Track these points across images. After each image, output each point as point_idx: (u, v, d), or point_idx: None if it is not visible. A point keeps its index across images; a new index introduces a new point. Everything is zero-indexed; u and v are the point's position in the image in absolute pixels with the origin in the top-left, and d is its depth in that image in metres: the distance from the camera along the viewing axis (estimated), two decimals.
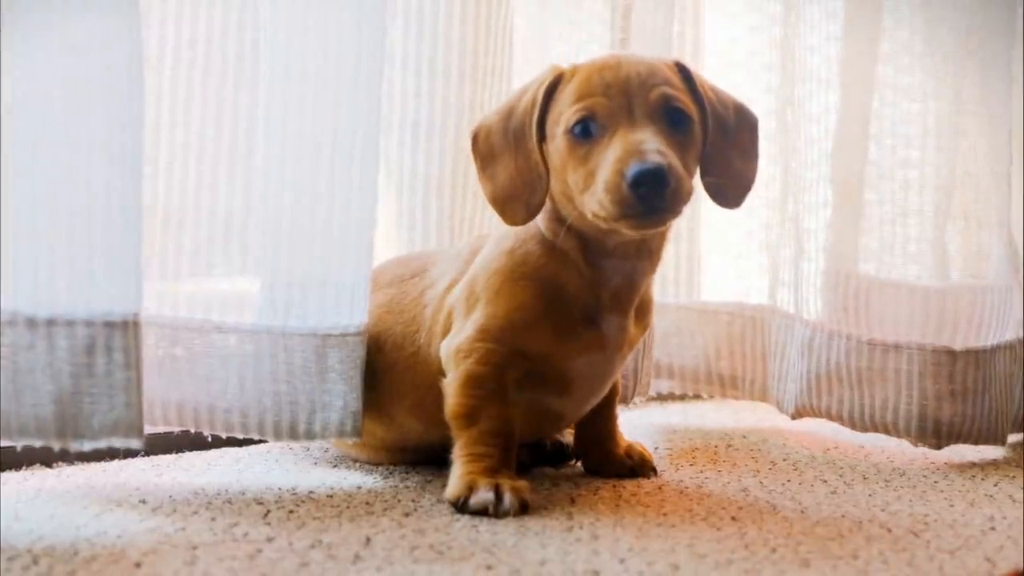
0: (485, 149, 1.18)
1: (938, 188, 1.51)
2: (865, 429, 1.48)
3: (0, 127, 1.02)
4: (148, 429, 1.26)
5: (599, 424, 1.29)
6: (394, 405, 1.24)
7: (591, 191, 1.08)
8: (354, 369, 1.21)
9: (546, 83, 1.14)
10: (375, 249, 1.24)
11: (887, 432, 1.46)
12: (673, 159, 1.06)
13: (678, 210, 1.07)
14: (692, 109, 1.12)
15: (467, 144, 1.41)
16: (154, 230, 1.21)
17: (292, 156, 1.19)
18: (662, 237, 1.18)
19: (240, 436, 1.22)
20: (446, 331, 1.19)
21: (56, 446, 1.04)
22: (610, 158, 1.06)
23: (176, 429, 1.23)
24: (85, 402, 1.04)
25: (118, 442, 1.06)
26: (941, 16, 1.49)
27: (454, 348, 1.16)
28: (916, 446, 1.46)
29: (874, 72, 1.51)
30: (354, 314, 1.21)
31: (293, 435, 1.21)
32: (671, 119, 1.10)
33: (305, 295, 1.21)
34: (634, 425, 1.58)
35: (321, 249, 1.20)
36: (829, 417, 1.50)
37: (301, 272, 1.21)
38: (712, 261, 1.72)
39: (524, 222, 1.15)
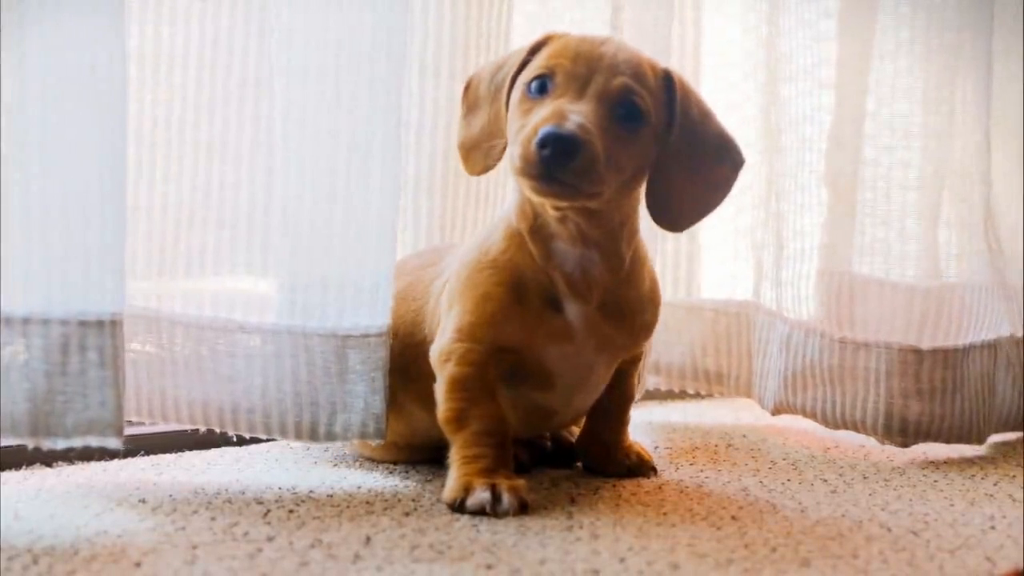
0: (472, 98, 1.20)
1: (927, 188, 1.51)
2: (836, 426, 1.49)
3: (0, 127, 1.02)
4: (173, 427, 1.28)
5: (606, 426, 1.29)
6: (403, 393, 1.24)
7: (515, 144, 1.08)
8: (376, 370, 1.21)
9: (534, 42, 1.16)
10: (396, 249, 1.24)
11: (856, 430, 1.48)
12: (595, 139, 1.05)
13: (584, 188, 1.06)
14: (652, 113, 1.11)
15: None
16: (179, 229, 1.22)
17: (311, 156, 1.19)
18: (607, 231, 1.15)
19: (263, 436, 1.23)
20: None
21: (30, 444, 1.04)
22: (537, 116, 1.07)
23: (202, 428, 1.23)
24: (58, 401, 1.04)
25: (94, 441, 1.05)
26: (934, 16, 1.49)
27: (437, 352, 1.17)
28: (883, 444, 1.47)
29: (867, 72, 1.51)
30: (375, 315, 1.21)
31: (314, 436, 1.21)
32: (623, 111, 1.09)
33: (325, 296, 1.21)
34: (634, 424, 1.57)
35: (341, 249, 1.21)
36: (804, 414, 1.51)
37: (321, 272, 1.21)
38: (701, 259, 1.72)
39: (480, 172, 1.19)
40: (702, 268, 1.72)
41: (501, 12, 1.48)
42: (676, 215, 1.18)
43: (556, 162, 1.03)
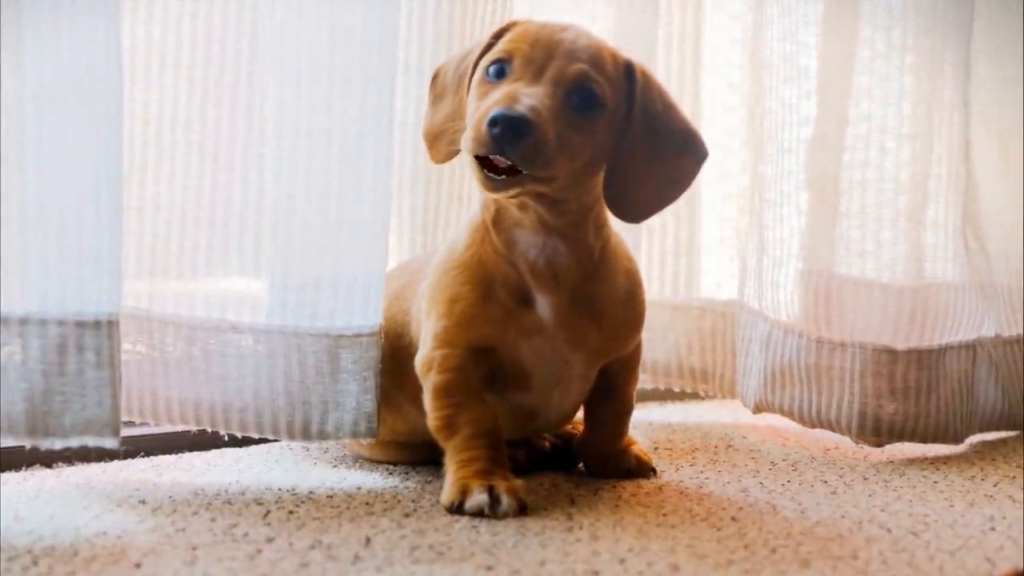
0: (439, 87, 1.20)
1: (907, 189, 1.51)
2: (813, 425, 1.49)
3: (0, 127, 1.02)
4: (173, 428, 1.28)
5: (604, 437, 1.28)
6: (399, 394, 1.24)
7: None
8: (367, 370, 1.21)
9: (498, 28, 1.15)
10: (389, 249, 1.24)
11: (831, 429, 1.48)
12: (547, 122, 1.04)
13: (532, 169, 1.05)
14: (609, 102, 1.10)
15: None
16: (171, 229, 1.22)
17: (304, 155, 1.19)
18: (571, 221, 1.14)
19: (255, 436, 1.23)
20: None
21: (28, 444, 1.05)
22: (492, 99, 1.06)
23: (194, 428, 1.24)
24: (56, 401, 1.04)
25: (91, 441, 1.06)
26: (912, 22, 1.49)
27: (420, 361, 1.17)
28: (857, 444, 1.48)
29: (851, 75, 1.51)
30: (367, 315, 1.21)
31: (306, 435, 1.21)
32: (578, 98, 1.09)
33: (317, 295, 1.21)
34: (634, 424, 1.57)
35: (333, 249, 1.21)
36: (782, 413, 1.52)
37: (313, 272, 1.21)
38: (687, 259, 1.72)
39: (444, 160, 1.18)
40: (700, 267, 1.72)
41: (486, 13, 1.47)
42: (632, 205, 1.16)
43: (505, 140, 1.03)
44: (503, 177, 1.05)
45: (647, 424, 1.62)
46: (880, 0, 1.50)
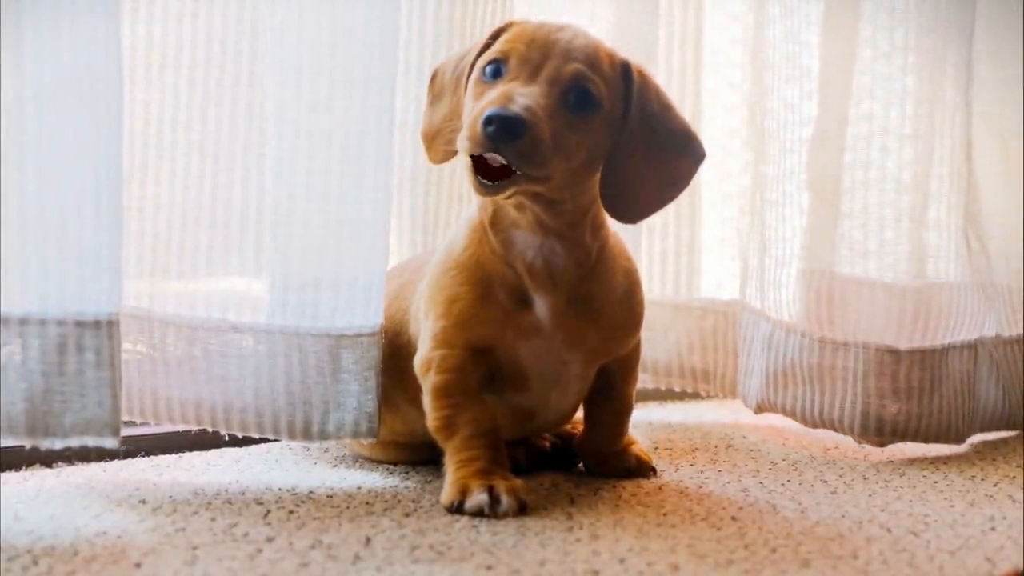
0: (437, 88, 1.20)
1: (910, 190, 1.51)
2: (815, 425, 1.50)
3: (0, 127, 1.02)
4: (173, 427, 1.29)
5: (603, 437, 1.28)
6: (397, 393, 1.24)
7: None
8: (368, 370, 1.21)
9: (495, 28, 1.15)
10: (389, 249, 1.25)
11: (834, 429, 1.48)
12: (542, 122, 1.04)
13: (527, 169, 1.04)
14: (605, 101, 1.10)
15: None
16: (171, 229, 1.22)
17: (304, 155, 1.20)
18: (567, 221, 1.14)
19: (256, 436, 1.23)
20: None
21: (28, 444, 1.05)
22: (487, 99, 1.06)
23: (194, 428, 1.24)
24: (56, 401, 1.05)
25: (91, 441, 1.06)
26: (914, 22, 1.49)
27: (419, 362, 1.17)
28: (859, 443, 1.48)
29: (851, 75, 1.51)
30: (368, 315, 1.21)
31: (307, 435, 1.22)
32: (575, 97, 1.08)
33: (318, 295, 1.21)
34: (634, 424, 1.57)
35: (334, 249, 1.21)
36: (784, 413, 1.52)
37: (314, 272, 1.21)
38: (688, 258, 1.73)
39: (442, 160, 1.18)
40: (701, 267, 1.72)
41: (486, 13, 1.47)
42: (629, 206, 1.16)
43: (500, 140, 1.02)
44: (496, 183, 1.05)
45: (647, 424, 1.62)
46: (882, 0, 1.50)
